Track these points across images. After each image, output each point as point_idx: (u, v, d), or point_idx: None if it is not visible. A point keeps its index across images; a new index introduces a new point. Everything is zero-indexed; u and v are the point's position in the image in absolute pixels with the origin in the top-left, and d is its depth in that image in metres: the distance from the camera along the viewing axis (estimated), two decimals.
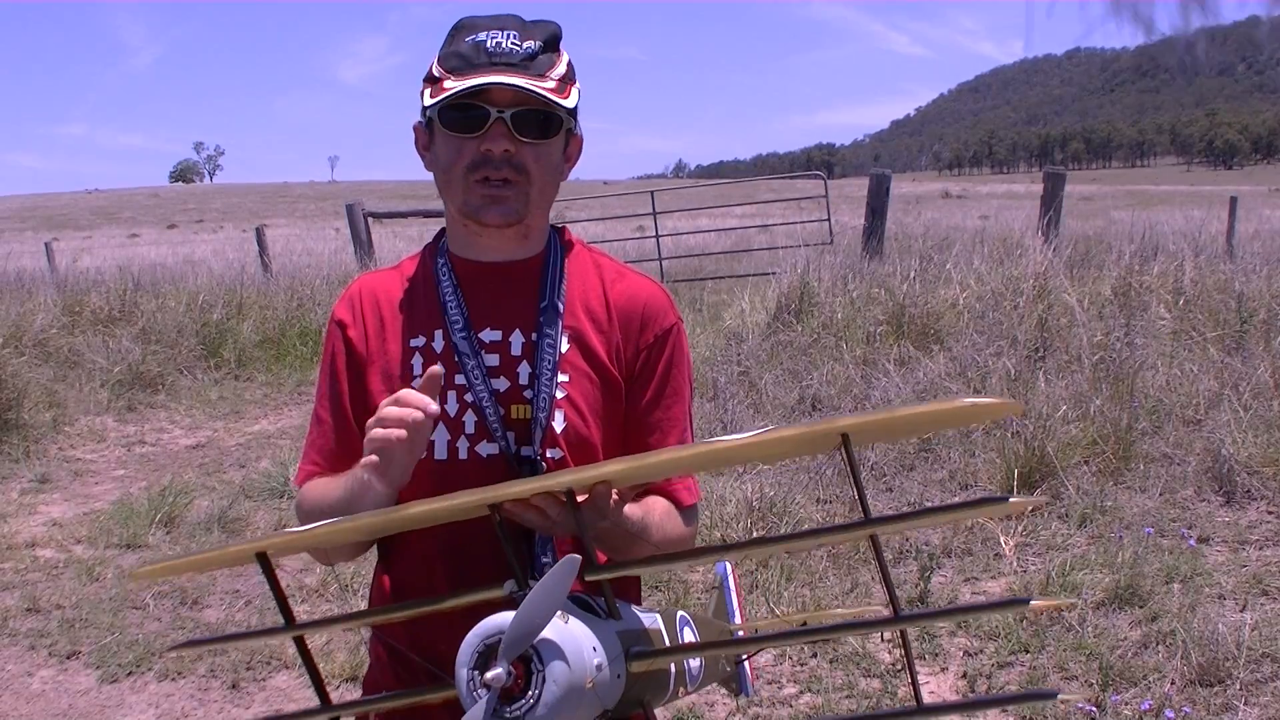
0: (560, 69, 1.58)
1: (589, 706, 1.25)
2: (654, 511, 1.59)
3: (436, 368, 1.47)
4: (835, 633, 1.56)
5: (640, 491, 1.62)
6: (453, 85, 1.53)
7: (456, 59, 1.55)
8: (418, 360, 1.63)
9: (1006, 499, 1.10)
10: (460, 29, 1.58)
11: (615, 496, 1.44)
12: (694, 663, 1.62)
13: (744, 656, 1.90)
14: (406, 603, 1.52)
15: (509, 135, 1.54)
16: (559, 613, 1.25)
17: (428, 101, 1.57)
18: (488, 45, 1.54)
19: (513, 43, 1.54)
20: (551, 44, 1.57)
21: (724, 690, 1.96)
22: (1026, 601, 1.13)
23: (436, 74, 1.57)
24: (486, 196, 1.57)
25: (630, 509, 1.51)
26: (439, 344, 1.62)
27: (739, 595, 2.05)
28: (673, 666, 1.52)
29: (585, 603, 1.36)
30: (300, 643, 1.48)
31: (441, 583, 1.56)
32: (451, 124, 1.56)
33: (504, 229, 1.60)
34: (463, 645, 1.24)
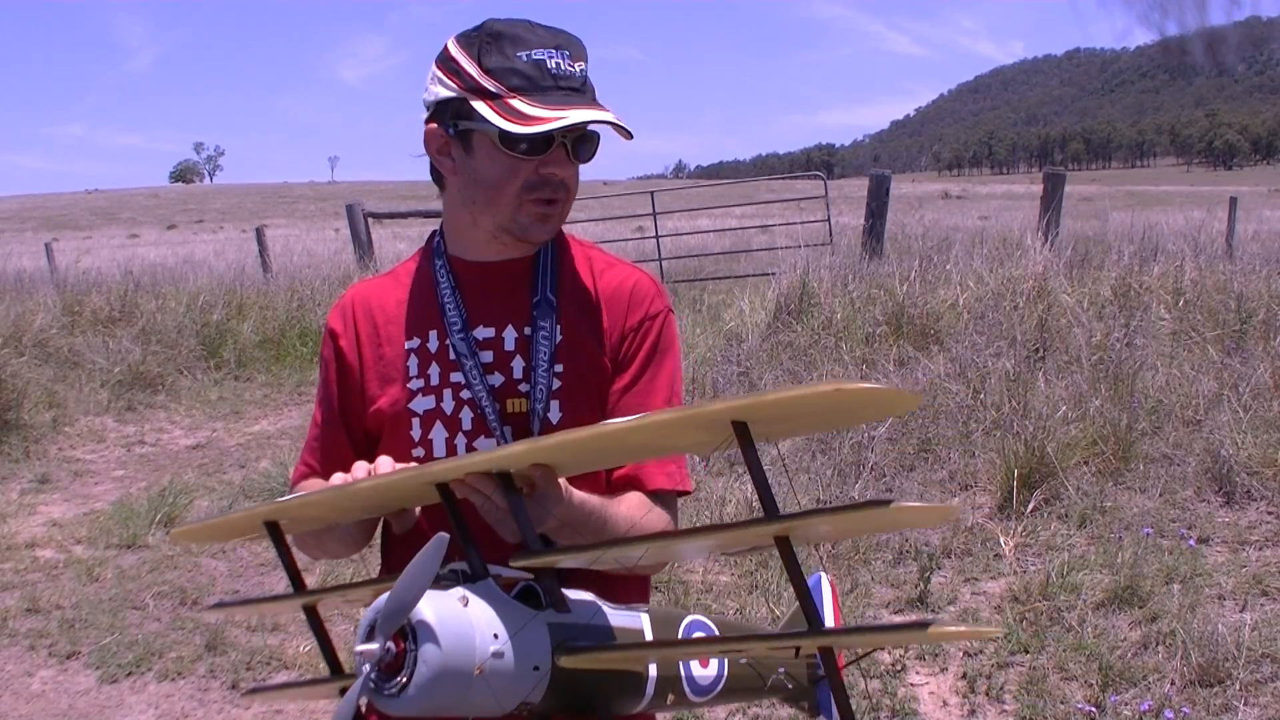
0: (596, 88, 1.60)
1: (480, 693, 1.23)
2: (621, 504, 1.57)
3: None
4: (751, 642, 1.51)
5: (616, 480, 1.62)
6: (537, 111, 1.51)
7: (519, 78, 1.53)
8: (413, 362, 1.65)
9: (926, 626, 1.10)
10: (501, 38, 1.55)
11: (564, 489, 1.43)
12: (704, 671, 1.54)
13: (822, 672, 1.71)
14: (387, 577, 1.54)
15: (568, 159, 1.58)
16: (461, 595, 1.24)
17: (493, 119, 1.52)
18: (550, 67, 1.54)
19: (569, 65, 1.55)
20: (587, 62, 1.60)
21: (793, 708, 1.83)
22: (925, 626, 1.11)
23: (493, 89, 1.53)
24: (538, 215, 1.60)
25: (587, 500, 1.49)
26: (434, 344, 1.65)
27: (835, 606, 1.90)
28: (652, 670, 1.45)
29: (531, 591, 1.34)
30: (310, 611, 1.53)
31: None
32: (514, 145, 1.54)
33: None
34: (360, 622, 1.26)
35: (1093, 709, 3.52)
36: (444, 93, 1.58)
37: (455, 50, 1.58)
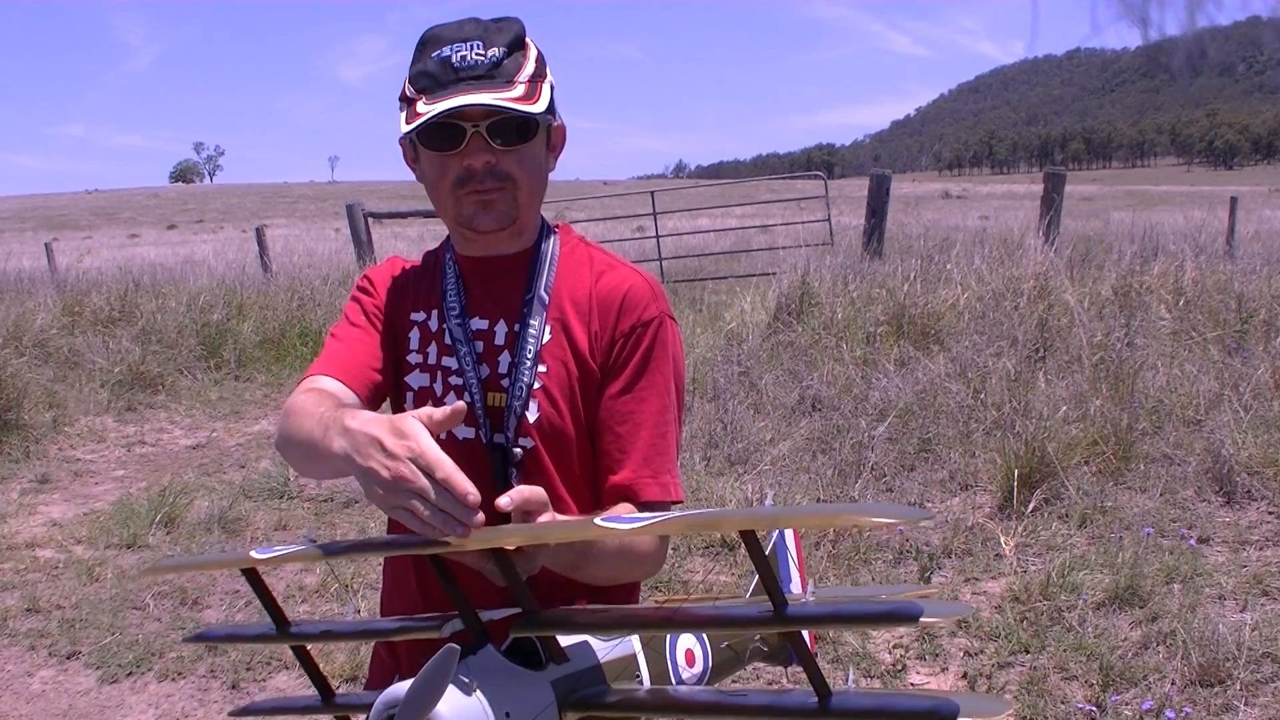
0: (529, 67, 1.58)
1: None
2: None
3: (460, 405, 1.40)
4: (753, 716, 1.54)
5: (606, 492, 1.62)
6: (425, 108, 1.54)
7: (426, 79, 1.56)
8: (415, 335, 1.69)
9: (917, 617, 1.08)
10: (426, 43, 1.58)
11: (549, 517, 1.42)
12: (691, 670, 1.57)
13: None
14: (364, 624, 1.58)
15: (487, 147, 1.56)
16: (466, 682, 1.26)
17: (404, 125, 1.58)
18: (453, 61, 1.54)
19: (477, 54, 1.54)
20: (516, 44, 1.57)
21: (768, 666, 1.91)
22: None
23: (410, 95, 1.58)
24: (477, 204, 1.60)
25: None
26: (434, 324, 1.69)
27: (799, 557, 1.92)
28: (645, 679, 1.48)
29: (529, 647, 1.36)
30: (301, 651, 1.57)
31: (413, 584, 1.67)
32: (431, 143, 1.57)
33: (498, 233, 1.63)
34: (372, 710, 1.28)
35: (1093, 709, 3.52)
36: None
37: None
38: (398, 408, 1.70)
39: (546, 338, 1.63)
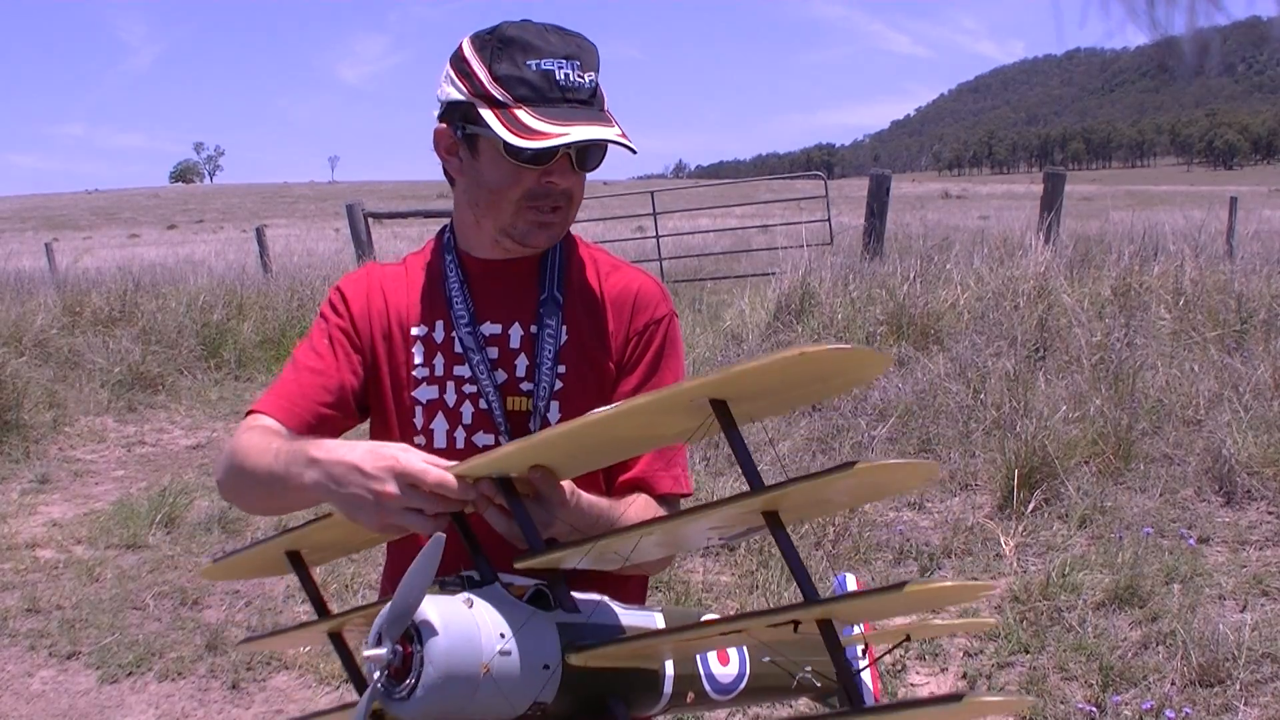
0: (606, 96, 1.60)
1: (489, 693, 1.24)
2: (630, 507, 1.57)
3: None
4: (749, 620, 1.53)
5: (620, 486, 1.63)
6: (538, 125, 1.50)
7: (525, 88, 1.52)
8: (419, 349, 1.66)
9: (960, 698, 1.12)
10: (513, 45, 1.54)
11: (569, 491, 1.44)
12: (724, 669, 1.55)
13: (859, 666, 1.71)
14: (376, 602, 1.58)
15: (572, 170, 1.57)
16: (465, 598, 1.26)
17: (497, 128, 1.51)
18: (558, 78, 1.52)
19: (578, 75, 1.54)
20: (598, 70, 1.59)
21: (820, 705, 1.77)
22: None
23: (500, 98, 1.53)
24: (536, 223, 1.60)
25: (595, 503, 1.50)
26: (439, 335, 1.66)
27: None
28: (669, 669, 1.46)
29: (542, 595, 1.36)
30: (336, 636, 1.62)
31: None
32: (517, 154, 1.54)
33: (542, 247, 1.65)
34: (370, 632, 1.28)
35: (1093, 709, 3.52)
36: (455, 95, 1.58)
37: (469, 52, 1.57)
38: (404, 424, 1.66)
39: (564, 338, 1.64)
